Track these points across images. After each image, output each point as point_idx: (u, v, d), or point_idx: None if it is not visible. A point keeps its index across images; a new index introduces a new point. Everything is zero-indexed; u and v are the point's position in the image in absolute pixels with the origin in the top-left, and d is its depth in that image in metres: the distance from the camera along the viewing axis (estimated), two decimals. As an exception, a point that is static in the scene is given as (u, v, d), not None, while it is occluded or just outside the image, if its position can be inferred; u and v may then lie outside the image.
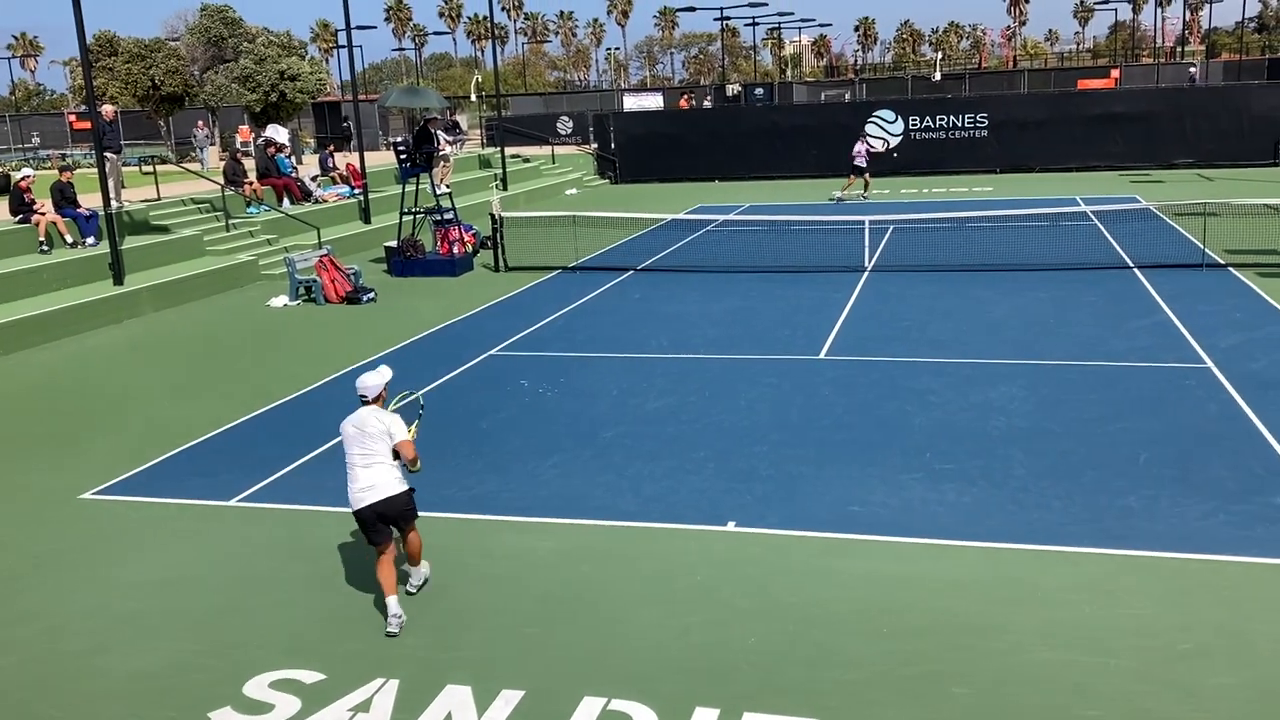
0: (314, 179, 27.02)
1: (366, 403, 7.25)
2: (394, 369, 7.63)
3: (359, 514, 7.17)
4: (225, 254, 21.57)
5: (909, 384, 12.22)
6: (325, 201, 26.26)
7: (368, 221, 26.14)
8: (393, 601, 7.08)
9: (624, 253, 22.66)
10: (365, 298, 18.54)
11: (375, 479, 7.10)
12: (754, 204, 31.34)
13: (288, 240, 23.10)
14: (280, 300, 18.71)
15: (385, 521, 7.19)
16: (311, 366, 14.04)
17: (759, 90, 53.35)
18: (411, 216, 21.56)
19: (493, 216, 20.92)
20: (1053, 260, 19.28)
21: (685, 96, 52.37)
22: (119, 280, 18.45)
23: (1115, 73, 50.66)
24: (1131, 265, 18.75)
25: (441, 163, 21.64)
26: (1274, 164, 35.03)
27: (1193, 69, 53.07)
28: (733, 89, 53.26)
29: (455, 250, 21.23)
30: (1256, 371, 12.10)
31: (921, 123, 38.07)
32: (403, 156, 21.03)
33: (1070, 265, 18.88)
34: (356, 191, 27.08)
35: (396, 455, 7.15)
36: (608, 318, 16.65)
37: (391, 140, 28.08)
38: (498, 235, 20.80)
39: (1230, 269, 18.06)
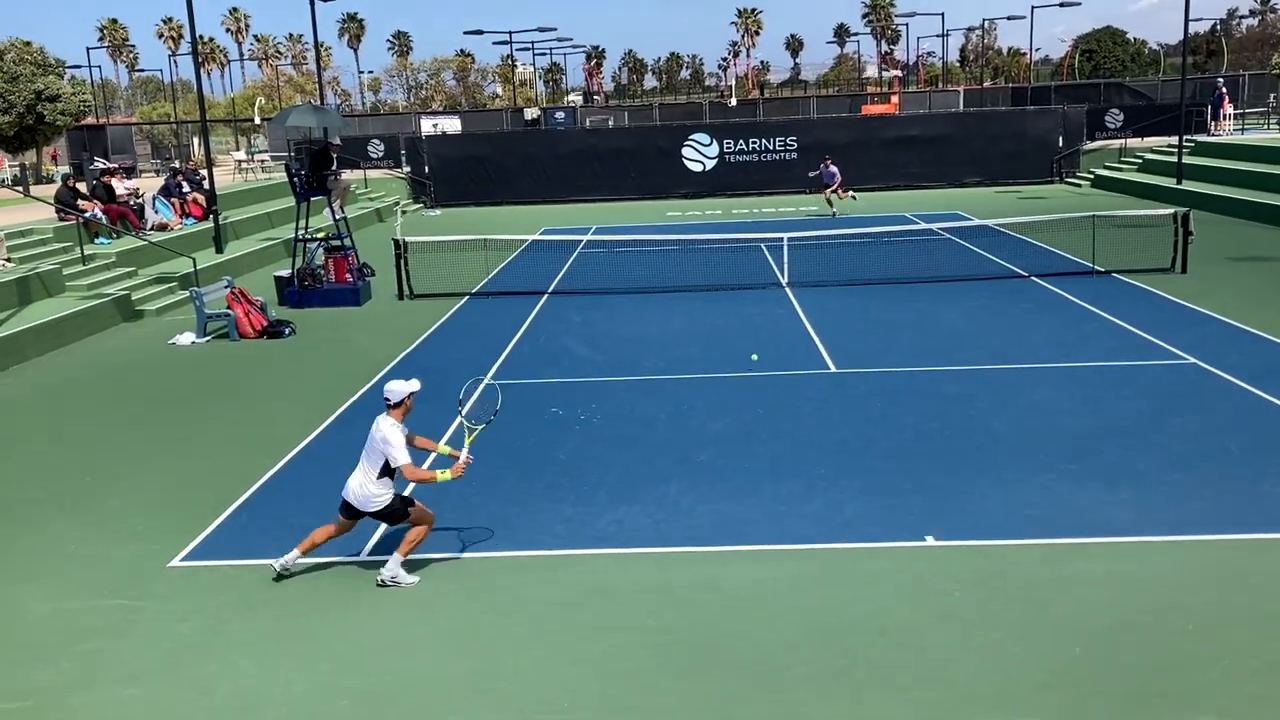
0: (154, 207, 24.91)
1: (390, 407, 7.60)
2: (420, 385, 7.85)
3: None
4: (89, 290, 19.33)
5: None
6: (169, 229, 24.30)
7: (220, 251, 24.34)
8: (293, 554, 7.83)
9: (520, 276, 22.16)
10: (286, 330, 17.19)
11: (355, 481, 7.66)
12: (601, 224, 31.45)
13: (149, 271, 21.27)
14: (186, 338, 17.08)
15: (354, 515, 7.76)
16: (286, 424, 12.61)
17: (559, 114, 53.57)
18: (302, 244, 20.30)
19: (396, 241, 20.03)
20: (965, 272, 20.49)
21: None
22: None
23: (895, 99, 54.30)
24: (1026, 274, 20.09)
25: (339, 187, 20.43)
26: (1051, 181, 38.60)
27: None
28: (531, 113, 53.28)
29: (351, 277, 20.17)
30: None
31: (735, 146, 39.47)
32: (296, 180, 19.78)
33: (977, 276, 20.11)
34: (195, 220, 25.27)
35: (389, 471, 7.53)
36: (572, 339, 16.21)
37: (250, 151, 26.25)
38: (401, 261, 19.88)
39: (1114, 274, 19.66)
